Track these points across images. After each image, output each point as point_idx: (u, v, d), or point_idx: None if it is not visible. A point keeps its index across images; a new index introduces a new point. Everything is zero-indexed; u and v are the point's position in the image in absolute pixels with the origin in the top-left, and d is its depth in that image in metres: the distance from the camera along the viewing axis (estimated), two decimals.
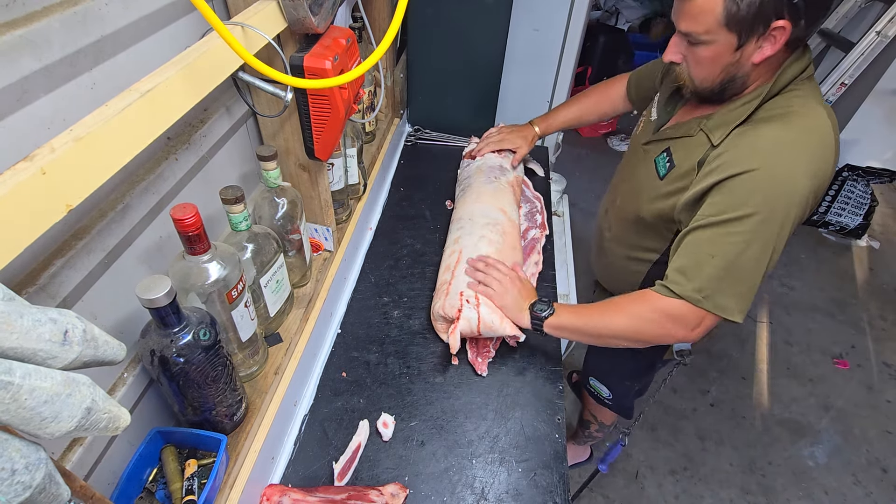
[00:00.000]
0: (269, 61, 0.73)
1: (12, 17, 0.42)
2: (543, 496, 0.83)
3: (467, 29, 1.45)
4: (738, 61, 0.78)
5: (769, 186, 0.76)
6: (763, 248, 0.78)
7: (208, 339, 0.59)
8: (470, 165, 1.40)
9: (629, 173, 1.06)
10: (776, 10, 0.71)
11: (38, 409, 0.25)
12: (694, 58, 0.81)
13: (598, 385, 1.41)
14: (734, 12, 0.72)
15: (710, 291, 0.81)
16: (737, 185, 0.77)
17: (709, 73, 0.81)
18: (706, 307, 0.81)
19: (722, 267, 0.80)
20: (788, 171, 0.75)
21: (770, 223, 0.76)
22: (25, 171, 0.35)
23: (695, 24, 0.76)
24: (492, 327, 0.96)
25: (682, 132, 0.91)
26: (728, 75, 0.80)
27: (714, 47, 0.77)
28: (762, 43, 0.75)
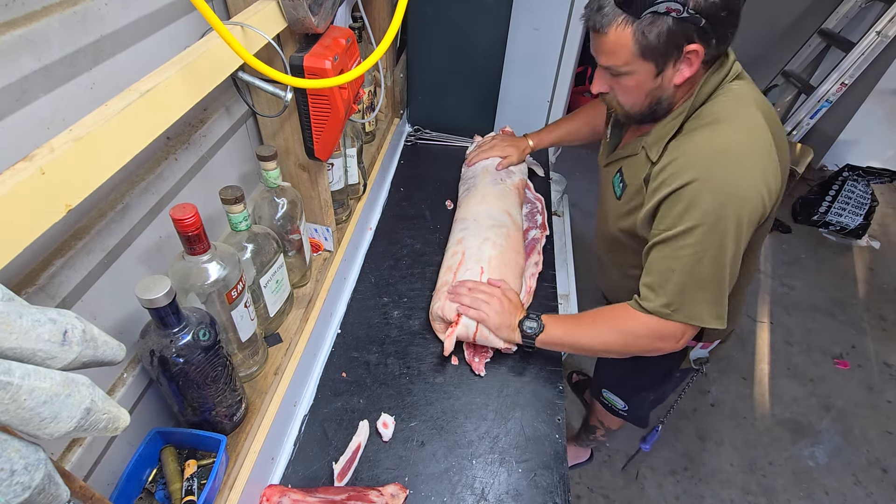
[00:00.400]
0: (269, 61, 0.73)
1: (12, 17, 0.42)
2: (544, 497, 0.83)
3: (467, 29, 1.45)
4: (661, 85, 0.80)
5: (710, 195, 0.76)
6: (718, 254, 0.79)
7: (208, 339, 0.59)
8: (475, 165, 1.40)
9: (601, 196, 1.10)
10: (686, 36, 0.74)
11: (38, 409, 0.25)
12: (619, 87, 0.83)
13: (613, 397, 1.39)
14: (645, 44, 0.74)
15: (677, 305, 0.83)
16: (679, 198, 0.79)
17: (635, 99, 0.84)
18: (678, 319, 0.84)
19: (682, 280, 0.82)
20: (725, 177, 0.76)
21: (718, 230, 0.77)
22: (25, 171, 0.35)
23: (613, 58, 0.78)
24: (488, 337, 0.97)
25: (628, 152, 0.95)
26: (654, 99, 0.83)
27: (635, 77, 0.79)
28: (679, 66, 0.78)
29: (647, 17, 0.72)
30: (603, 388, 1.41)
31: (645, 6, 0.72)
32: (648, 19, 0.72)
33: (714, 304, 0.83)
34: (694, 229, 0.78)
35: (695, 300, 0.83)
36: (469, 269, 1.06)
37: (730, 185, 0.76)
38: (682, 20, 0.72)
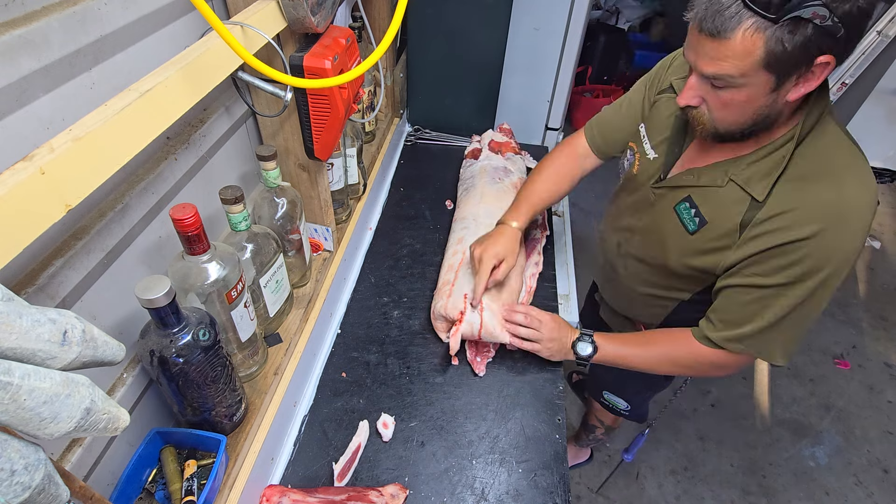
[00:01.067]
0: (269, 61, 0.73)
1: (11, 17, 0.42)
2: (544, 497, 0.83)
3: (467, 29, 1.45)
4: (774, 102, 0.69)
5: (824, 257, 0.72)
6: (815, 307, 0.77)
7: (208, 339, 0.59)
8: (473, 165, 1.40)
9: (643, 215, 0.96)
10: (821, 46, 0.62)
11: (38, 409, 0.25)
12: (720, 101, 0.71)
13: (615, 398, 1.39)
14: (778, 53, 0.63)
15: (753, 342, 0.82)
16: (788, 252, 0.74)
17: (738, 116, 0.72)
18: (748, 353, 0.84)
19: (768, 325, 0.79)
20: (844, 242, 0.72)
21: (825, 288, 0.75)
22: (24, 171, 0.35)
23: (728, 67, 0.66)
24: (492, 333, 0.97)
25: (705, 181, 0.82)
26: (760, 117, 0.71)
27: (747, 90, 0.68)
28: (802, 80, 0.66)
29: (786, 22, 0.60)
30: (604, 390, 1.41)
31: (787, 9, 0.60)
32: (788, 26, 0.60)
33: (790, 344, 0.81)
34: (798, 284, 0.75)
35: (773, 340, 0.81)
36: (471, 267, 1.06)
37: (846, 250, 0.72)
38: (822, 29, 0.60)
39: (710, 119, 0.75)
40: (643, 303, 1.05)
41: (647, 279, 1.00)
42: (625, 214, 1.02)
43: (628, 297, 1.10)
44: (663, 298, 0.99)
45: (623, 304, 1.15)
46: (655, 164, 0.92)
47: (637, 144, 0.97)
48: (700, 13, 0.65)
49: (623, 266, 1.05)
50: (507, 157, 1.41)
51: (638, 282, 1.02)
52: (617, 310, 1.18)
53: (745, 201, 0.77)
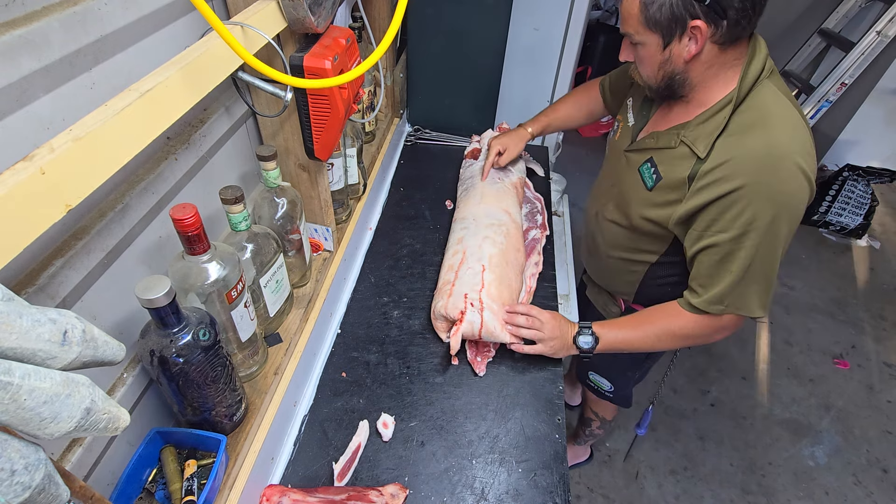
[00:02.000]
0: (269, 61, 0.73)
1: (12, 17, 0.42)
2: (543, 496, 0.83)
3: (467, 29, 1.45)
4: (670, 59, 0.82)
5: (765, 201, 0.79)
6: (770, 253, 0.84)
7: (208, 339, 0.59)
8: (473, 165, 1.40)
9: (616, 179, 1.07)
10: (690, 12, 0.75)
11: (38, 409, 0.25)
12: (636, 57, 0.87)
13: (599, 379, 1.42)
14: (648, 15, 0.78)
15: (730, 300, 0.88)
16: (734, 202, 0.81)
17: (649, 71, 0.86)
18: (731, 312, 0.90)
19: (737, 279, 0.86)
20: (779, 183, 0.79)
21: (772, 233, 0.81)
22: (25, 171, 0.35)
23: (626, 25, 0.82)
24: (493, 332, 0.97)
25: (662, 143, 0.93)
26: (666, 73, 0.85)
27: (646, 47, 0.83)
28: (686, 42, 0.79)
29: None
30: (589, 371, 1.44)
31: None
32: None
33: (763, 295, 0.88)
34: (749, 233, 0.82)
35: (746, 294, 0.88)
36: (471, 267, 1.06)
37: (783, 192, 0.79)
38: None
39: (638, 74, 0.91)
40: (619, 269, 1.13)
41: (620, 242, 1.09)
42: (604, 183, 1.14)
43: (607, 268, 1.18)
44: (635, 262, 1.08)
45: (604, 277, 1.22)
46: (631, 129, 1.04)
47: (623, 115, 1.09)
48: None
49: (601, 233, 1.14)
50: None
51: (613, 247, 1.11)
52: (599, 284, 1.26)
53: (692, 158, 0.87)
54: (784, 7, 3.33)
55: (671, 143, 0.91)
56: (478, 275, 1.04)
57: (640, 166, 0.98)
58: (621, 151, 1.04)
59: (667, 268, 1.03)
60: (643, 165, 0.97)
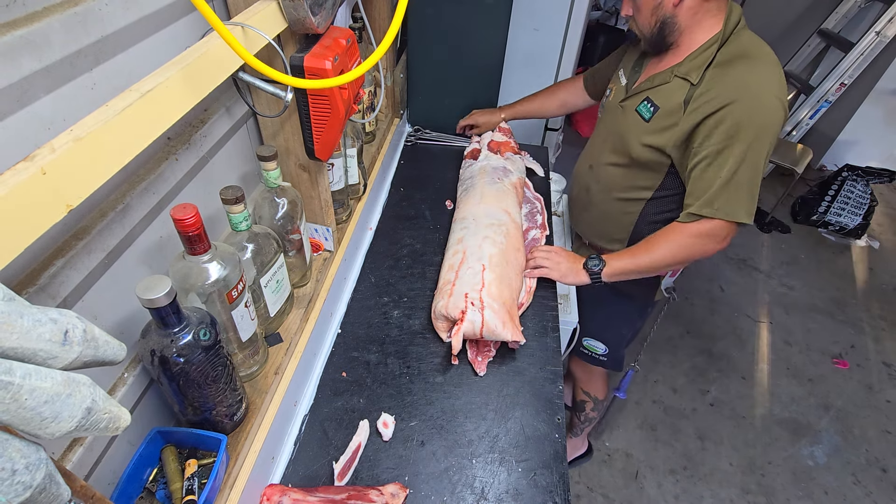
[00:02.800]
0: (270, 61, 0.73)
1: (12, 18, 0.42)
2: (543, 496, 0.83)
3: (467, 29, 1.45)
4: (661, 4, 0.99)
5: (751, 113, 0.94)
6: (756, 161, 0.97)
7: (208, 339, 0.59)
8: (473, 165, 1.40)
9: (612, 128, 1.20)
10: None
11: (39, 409, 0.25)
12: (635, 7, 1.04)
13: (593, 343, 1.50)
14: None
15: (719, 204, 1.00)
16: (723, 119, 0.96)
17: (645, 17, 1.03)
18: (720, 217, 1.00)
19: (724, 185, 0.98)
20: (761, 101, 0.94)
21: (758, 141, 0.95)
22: (25, 172, 0.35)
23: None
24: (494, 331, 0.97)
25: (657, 82, 1.08)
26: (658, 18, 1.01)
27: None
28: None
29: None
30: (584, 338, 1.49)
31: None
32: None
33: (748, 202, 1.00)
34: (735, 143, 0.95)
35: (733, 199, 0.99)
36: (471, 267, 1.06)
37: (765, 107, 0.94)
38: None
39: (637, 25, 1.06)
40: (615, 213, 1.24)
41: (616, 182, 1.21)
42: (597, 140, 1.27)
43: (602, 215, 1.28)
44: (631, 201, 1.20)
45: (598, 227, 1.33)
46: (626, 86, 1.18)
47: (614, 82, 1.25)
48: None
49: (596, 181, 1.26)
50: (507, 157, 1.41)
51: (609, 189, 1.23)
52: (592, 241, 1.38)
53: (686, 86, 1.03)
54: (784, 7, 3.33)
55: (666, 80, 1.06)
56: (478, 274, 1.04)
57: (637, 107, 1.12)
58: (616, 105, 1.18)
59: (661, 203, 1.16)
60: (640, 105, 1.11)
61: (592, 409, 1.68)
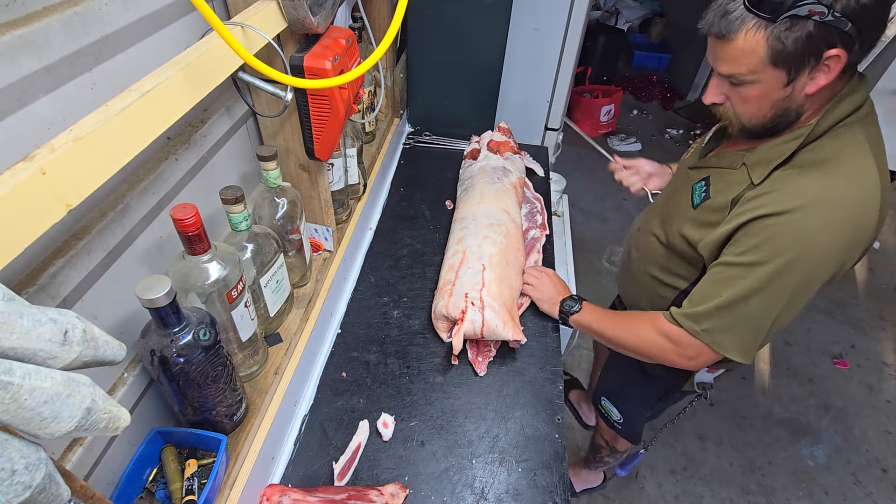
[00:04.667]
0: (269, 61, 0.73)
1: (12, 17, 0.42)
2: (543, 496, 0.83)
3: (467, 29, 1.45)
4: (791, 95, 0.73)
5: (791, 238, 0.72)
6: (775, 297, 0.76)
7: (208, 339, 0.59)
8: (472, 166, 1.40)
9: (671, 194, 1.02)
10: (827, 41, 0.66)
11: (38, 409, 0.25)
12: (739, 97, 0.77)
13: (610, 407, 1.38)
14: (780, 49, 0.67)
15: (709, 326, 0.82)
16: (759, 229, 0.75)
17: (757, 111, 0.76)
18: (703, 340, 0.83)
19: (724, 307, 0.79)
20: (815, 230, 0.71)
21: (787, 275, 0.73)
22: (25, 171, 0.35)
23: (737, 65, 0.72)
24: (495, 331, 0.97)
25: (725, 163, 0.87)
26: (780, 110, 0.75)
27: (761, 86, 0.72)
28: (815, 74, 0.70)
29: (784, 21, 0.65)
30: (602, 397, 1.40)
31: (783, 9, 0.65)
32: (786, 24, 0.65)
33: (746, 338, 0.80)
34: (759, 265, 0.74)
35: (727, 329, 0.81)
36: (471, 266, 1.07)
37: (816, 239, 0.71)
38: (825, 24, 0.64)
39: (735, 114, 0.80)
40: (649, 290, 1.08)
41: (654, 259, 1.03)
42: (660, 200, 1.10)
43: (639, 286, 1.12)
44: (665, 286, 1.02)
45: (635, 297, 1.17)
46: (703, 149, 0.98)
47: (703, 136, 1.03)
48: (709, 20, 0.73)
49: (637, 247, 1.10)
50: (507, 157, 1.41)
51: (647, 261, 1.05)
52: (628, 304, 1.22)
53: (745, 183, 0.81)
54: None
55: (734, 165, 0.85)
56: (478, 274, 1.04)
57: (695, 183, 0.92)
58: (686, 168, 0.99)
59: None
60: (697, 183, 0.92)
61: (608, 455, 1.58)
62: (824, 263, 0.72)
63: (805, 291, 0.75)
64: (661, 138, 3.71)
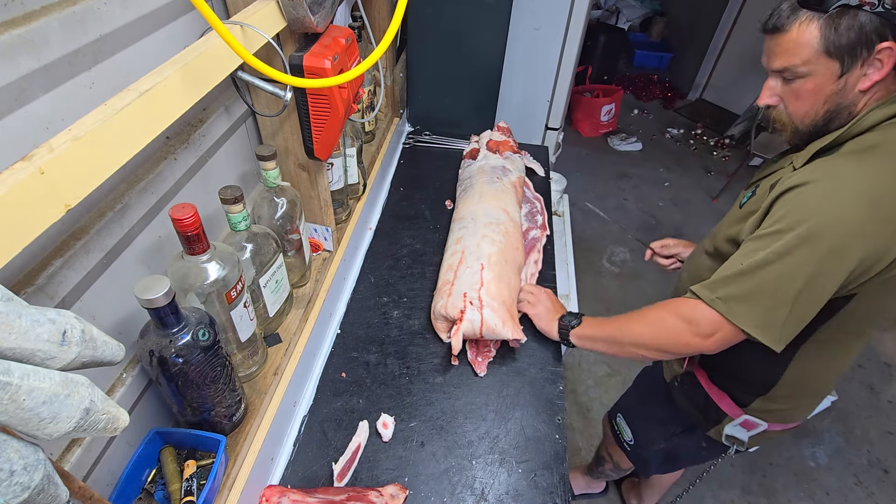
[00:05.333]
0: (269, 60, 0.73)
1: (11, 17, 0.42)
2: (543, 497, 0.83)
3: (467, 29, 1.45)
4: (843, 90, 0.73)
5: (816, 204, 0.70)
6: (795, 267, 0.71)
7: (207, 339, 0.59)
8: (472, 165, 1.40)
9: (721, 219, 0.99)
10: (879, 33, 0.67)
11: (37, 409, 0.25)
12: (793, 94, 0.76)
13: (623, 425, 1.33)
14: (833, 39, 0.69)
15: (724, 293, 0.77)
16: (789, 198, 0.73)
17: (811, 105, 0.76)
18: (718, 309, 0.78)
19: (745, 272, 0.75)
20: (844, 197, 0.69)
21: (808, 244, 0.70)
22: (24, 171, 0.35)
23: (791, 57, 0.73)
24: (494, 330, 0.96)
25: (775, 167, 0.87)
26: (833, 105, 0.75)
27: (815, 78, 0.73)
28: (867, 68, 0.70)
29: (835, 10, 0.68)
30: (619, 412, 1.36)
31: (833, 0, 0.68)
32: (837, 12, 0.68)
33: (764, 314, 0.75)
34: (782, 234, 0.72)
35: (743, 298, 0.76)
36: (469, 266, 1.06)
37: (841, 208, 0.68)
38: (877, 15, 0.66)
39: (788, 115, 0.80)
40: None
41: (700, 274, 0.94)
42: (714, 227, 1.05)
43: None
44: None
45: None
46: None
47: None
48: (765, 18, 0.76)
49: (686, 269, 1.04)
50: (506, 157, 1.41)
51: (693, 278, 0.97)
52: None
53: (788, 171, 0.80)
54: None
55: (783, 165, 0.84)
56: (476, 273, 1.04)
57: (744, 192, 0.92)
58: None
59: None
60: (747, 191, 0.91)
61: (612, 470, 1.54)
62: (852, 236, 0.68)
63: (832, 267, 0.70)
64: (662, 138, 3.71)
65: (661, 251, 1.23)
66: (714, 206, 3.09)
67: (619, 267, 2.62)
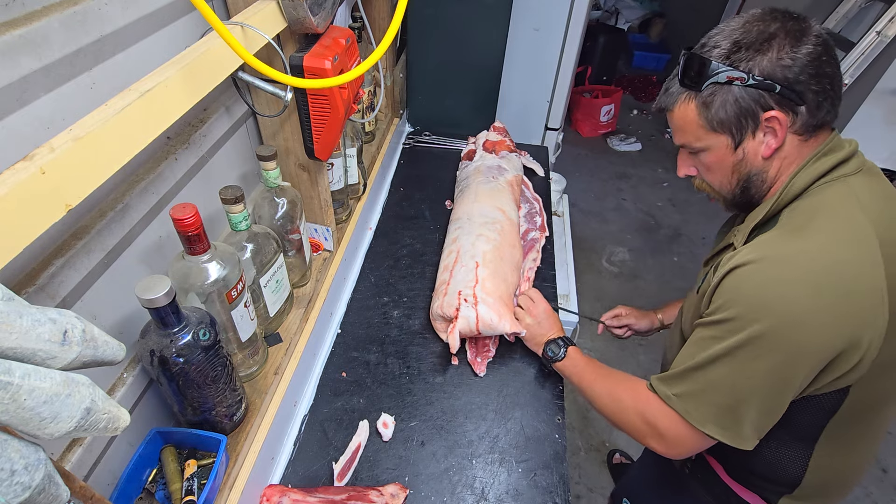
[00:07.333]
0: (269, 61, 0.73)
1: (12, 17, 0.42)
2: (543, 496, 0.83)
3: (467, 29, 1.45)
4: (745, 159, 0.71)
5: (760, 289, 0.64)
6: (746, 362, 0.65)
7: (208, 339, 0.59)
8: (468, 166, 1.40)
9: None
10: (760, 103, 0.66)
11: (38, 409, 0.25)
12: (703, 166, 0.77)
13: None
14: (710, 116, 0.70)
15: (680, 390, 0.72)
16: (729, 281, 0.68)
17: (722, 175, 0.75)
18: (675, 407, 0.72)
19: (696, 368, 0.70)
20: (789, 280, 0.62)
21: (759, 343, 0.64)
22: (25, 171, 0.35)
23: (685, 134, 0.74)
24: (491, 325, 0.96)
25: (725, 243, 0.82)
26: (742, 174, 0.73)
27: (713, 152, 0.73)
28: (763, 136, 0.69)
29: (707, 88, 0.68)
30: (625, 497, 1.27)
31: (703, 79, 0.68)
32: (709, 90, 0.68)
33: (719, 413, 0.69)
34: (730, 324, 0.66)
35: (697, 396, 0.71)
36: (465, 265, 1.07)
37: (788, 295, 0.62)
38: (750, 87, 0.66)
39: (709, 185, 0.80)
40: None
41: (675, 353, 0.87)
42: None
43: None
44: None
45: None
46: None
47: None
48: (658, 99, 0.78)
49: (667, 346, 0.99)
50: (502, 156, 1.41)
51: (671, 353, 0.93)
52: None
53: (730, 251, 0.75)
54: (784, 7, 3.32)
55: (728, 241, 0.80)
56: (471, 272, 1.04)
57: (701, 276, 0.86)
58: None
59: None
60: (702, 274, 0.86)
61: None
62: (806, 326, 0.61)
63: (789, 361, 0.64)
64: (661, 138, 3.71)
65: (612, 322, 1.19)
66: (712, 207, 3.09)
67: (619, 267, 2.63)
